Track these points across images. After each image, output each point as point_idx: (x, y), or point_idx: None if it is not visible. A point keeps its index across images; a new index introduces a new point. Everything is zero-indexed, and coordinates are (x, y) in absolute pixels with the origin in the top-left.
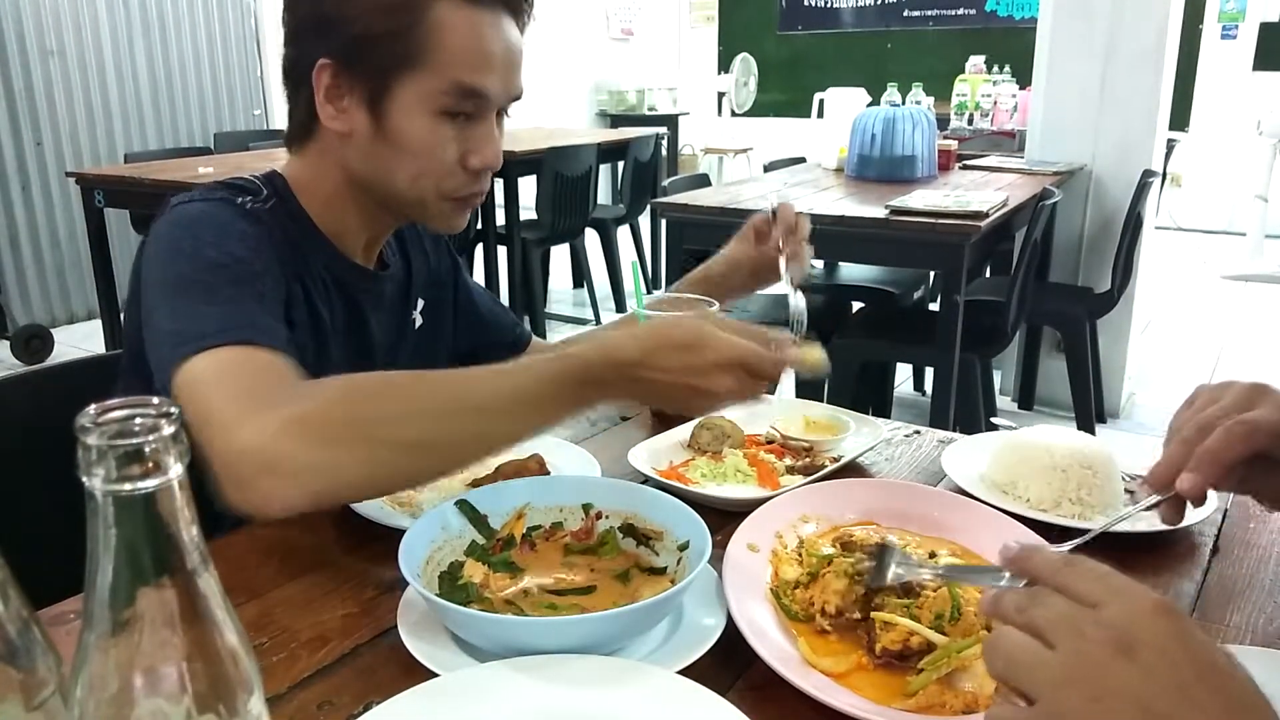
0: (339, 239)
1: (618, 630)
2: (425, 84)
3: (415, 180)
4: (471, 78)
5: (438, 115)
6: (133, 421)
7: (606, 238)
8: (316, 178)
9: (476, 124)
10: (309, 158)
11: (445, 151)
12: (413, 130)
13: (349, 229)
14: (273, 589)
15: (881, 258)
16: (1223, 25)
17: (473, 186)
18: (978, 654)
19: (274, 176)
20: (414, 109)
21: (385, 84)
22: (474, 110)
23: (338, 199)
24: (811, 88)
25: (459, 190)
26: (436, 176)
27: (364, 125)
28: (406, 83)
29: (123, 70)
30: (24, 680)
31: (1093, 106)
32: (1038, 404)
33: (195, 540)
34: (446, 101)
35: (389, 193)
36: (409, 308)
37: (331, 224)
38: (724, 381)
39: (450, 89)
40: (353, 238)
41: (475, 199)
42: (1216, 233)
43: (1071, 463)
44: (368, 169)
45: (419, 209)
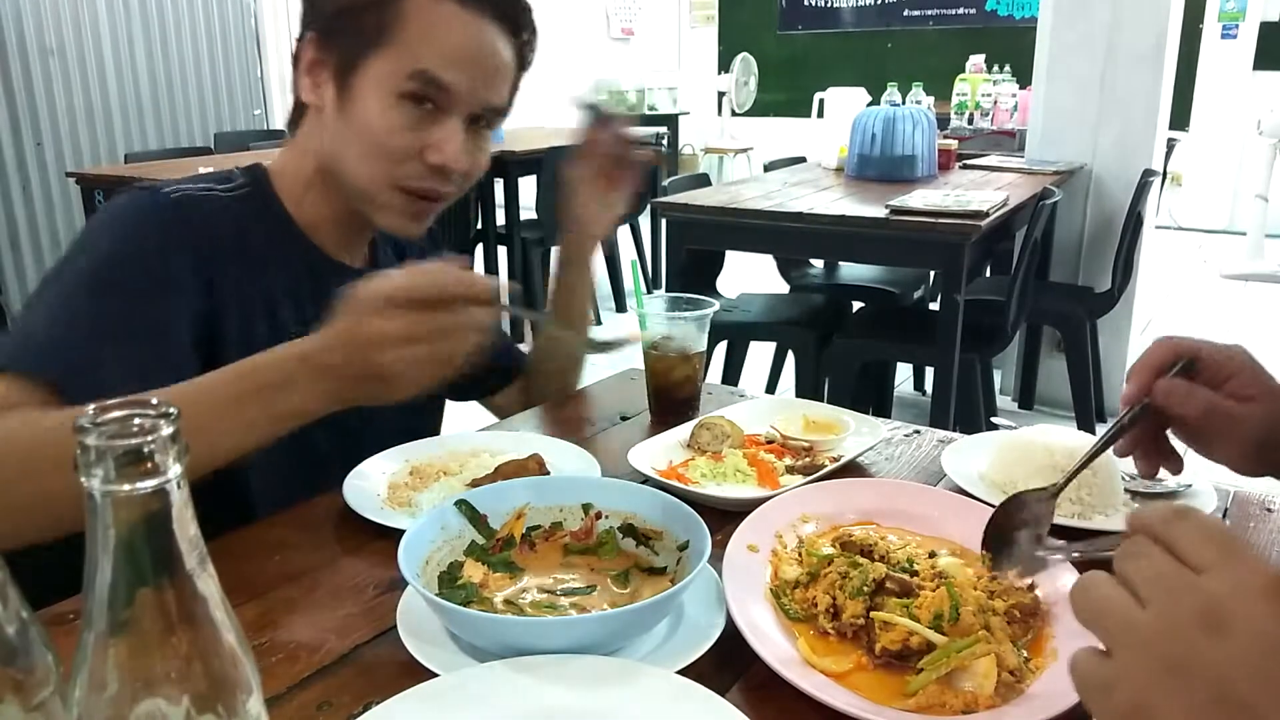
0: (314, 232)
1: (617, 630)
2: (389, 64)
3: (363, 160)
4: (435, 67)
5: (396, 98)
6: (131, 422)
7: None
8: (294, 164)
9: (440, 119)
10: (296, 143)
11: (398, 137)
12: (369, 109)
13: (323, 221)
14: (273, 589)
15: (881, 257)
16: (1223, 25)
17: (428, 181)
18: (977, 654)
19: (255, 167)
20: (375, 88)
21: (354, 59)
22: (438, 103)
23: (311, 188)
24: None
25: (410, 180)
26: (387, 161)
27: (331, 100)
28: (373, 60)
29: (123, 70)
30: (23, 680)
31: (1093, 106)
32: (1038, 404)
33: (194, 540)
34: (407, 86)
35: (342, 175)
36: None
37: (307, 216)
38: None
39: (413, 74)
40: (328, 231)
41: (432, 201)
42: (1216, 232)
43: (1071, 462)
44: (330, 148)
45: (366, 198)
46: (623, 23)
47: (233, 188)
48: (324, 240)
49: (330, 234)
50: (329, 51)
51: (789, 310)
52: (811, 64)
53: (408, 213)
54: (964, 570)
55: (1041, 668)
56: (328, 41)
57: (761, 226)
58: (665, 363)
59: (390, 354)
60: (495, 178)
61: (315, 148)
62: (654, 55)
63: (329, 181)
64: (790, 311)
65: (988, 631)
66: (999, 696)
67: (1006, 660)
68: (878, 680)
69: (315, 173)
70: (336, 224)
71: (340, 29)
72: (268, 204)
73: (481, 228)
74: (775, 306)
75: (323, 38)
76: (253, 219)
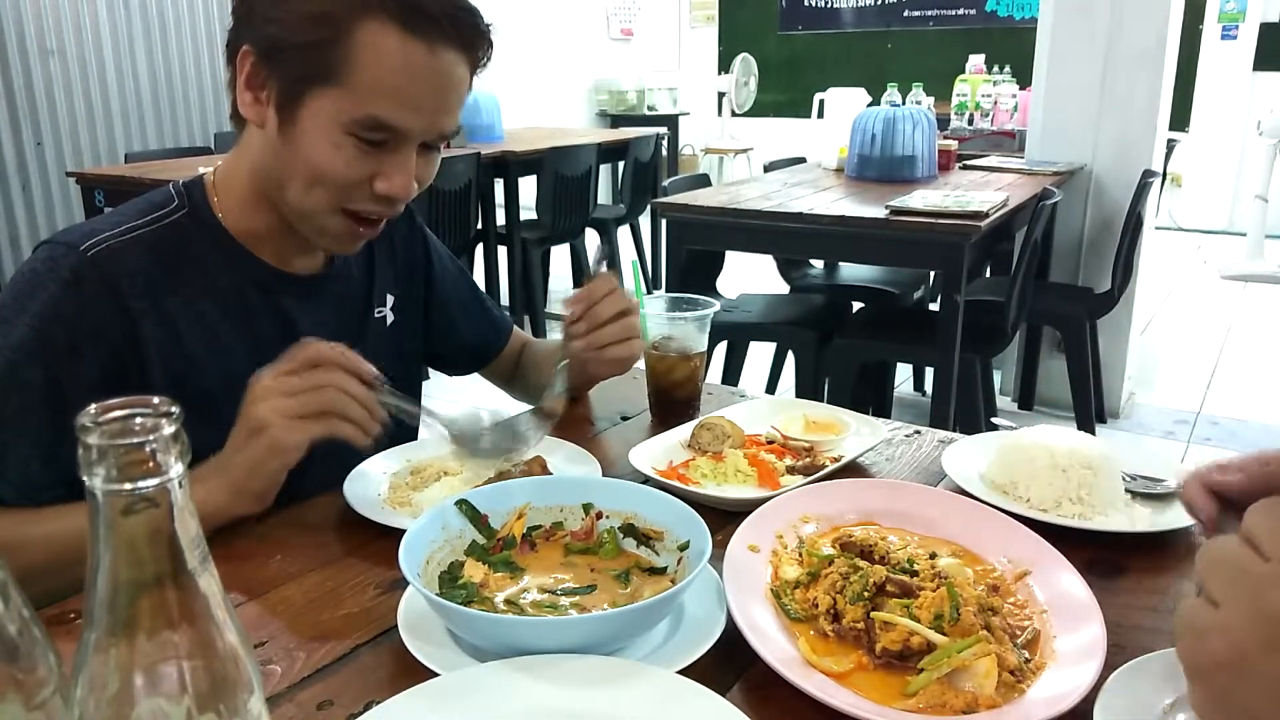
0: (258, 244)
1: (618, 630)
2: (337, 104)
3: (308, 190)
4: (387, 112)
5: (346, 136)
6: (133, 421)
7: (607, 238)
8: (236, 175)
9: (390, 151)
10: (235, 152)
11: (348, 170)
12: (317, 145)
13: (266, 232)
14: (273, 589)
15: (881, 258)
16: (1223, 25)
17: (375, 208)
18: (977, 654)
19: (194, 185)
20: (322, 124)
21: (298, 91)
22: (389, 139)
23: (252, 198)
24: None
25: (358, 207)
26: (332, 191)
27: (273, 122)
28: (319, 96)
29: (123, 70)
30: (24, 680)
31: (1093, 106)
32: (1038, 404)
33: (195, 540)
34: (356, 128)
35: (285, 196)
36: (371, 305)
37: (247, 228)
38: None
39: (362, 119)
40: (273, 241)
41: (377, 222)
42: (1216, 233)
43: (1072, 463)
44: (268, 166)
45: (304, 219)
46: (623, 23)
47: (162, 215)
48: (270, 251)
49: (276, 245)
50: (270, 74)
51: (789, 310)
52: (812, 64)
53: (347, 235)
54: (964, 570)
55: (1042, 668)
56: (268, 64)
57: (761, 227)
58: (666, 363)
59: (263, 404)
60: (495, 178)
61: (255, 159)
62: (654, 55)
63: (269, 194)
64: (790, 312)
65: (988, 632)
66: (999, 696)
67: (1007, 660)
68: (878, 680)
69: (255, 184)
70: (282, 234)
71: (281, 57)
72: (204, 224)
73: (481, 228)
74: (775, 307)
75: (262, 57)
76: (187, 245)
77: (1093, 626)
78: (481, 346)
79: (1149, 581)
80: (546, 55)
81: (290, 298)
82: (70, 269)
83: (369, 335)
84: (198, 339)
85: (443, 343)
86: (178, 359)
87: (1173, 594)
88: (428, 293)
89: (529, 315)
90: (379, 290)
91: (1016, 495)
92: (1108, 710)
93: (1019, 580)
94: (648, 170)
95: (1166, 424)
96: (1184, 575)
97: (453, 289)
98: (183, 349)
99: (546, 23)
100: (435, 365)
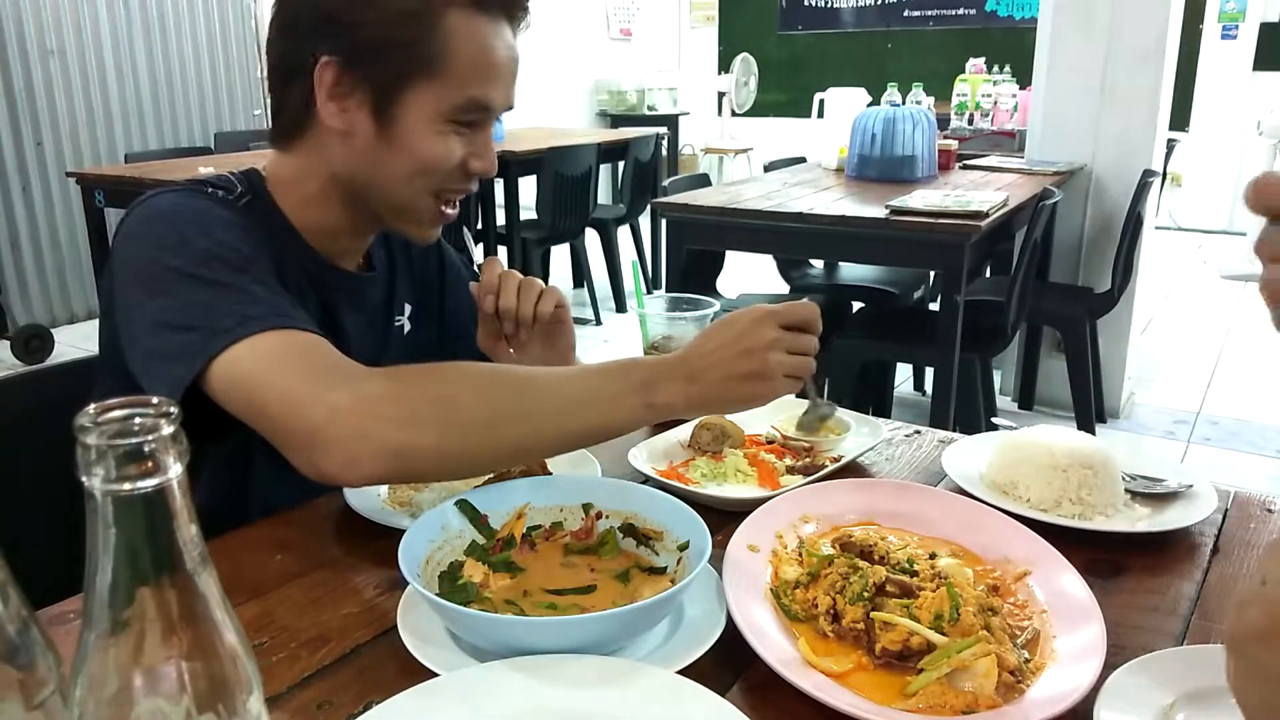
0: (316, 239)
1: (618, 630)
2: (438, 94)
3: (411, 181)
4: (483, 91)
5: (447, 124)
6: (132, 421)
7: (607, 238)
8: (301, 175)
9: (479, 131)
10: (297, 155)
11: (451, 156)
12: (423, 138)
13: (329, 229)
14: (273, 589)
15: (881, 258)
16: (1223, 25)
17: (465, 186)
18: (977, 654)
19: (251, 174)
20: (424, 117)
21: (395, 90)
22: (480, 120)
23: (321, 198)
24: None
25: (452, 187)
26: (435, 178)
27: (367, 126)
28: (419, 91)
29: (123, 70)
30: (24, 680)
31: (1093, 106)
32: (1038, 404)
33: (195, 540)
34: (458, 113)
35: (380, 193)
36: (392, 312)
37: (310, 223)
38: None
39: (464, 103)
40: (332, 238)
41: (455, 206)
42: (1216, 233)
43: (1072, 463)
44: (362, 168)
45: (404, 212)
46: (622, 23)
47: (237, 196)
48: (324, 246)
49: (331, 241)
50: (359, 79)
51: None
52: (812, 64)
53: (437, 219)
54: (964, 571)
55: (1042, 668)
56: (356, 69)
57: (761, 227)
58: None
59: (776, 356)
60: (495, 178)
61: (327, 164)
62: (654, 55)
63: (343, 195)
64: None
65: (988, 632)
66: (999, 697)
67: (1007, 660)
68: (878, 680)
69: (324, 186)
70: (339, 232)
71: (374, 59)
72: (269, 211)
73: (482, 228)
74: None
75: (349, 64)
76: (259, 226)
77: (1093, 626)
78: None
79: (1149, 581)
80: (546, 55)
81: (338, 293)
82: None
83: (390, 342)
84: None
85: (457, 349)
86: None
87: (1172, 594)
88: (441, 300)
89: None
90: (399, 299)
91: (1016, 495)
92: (1107, 710)
93: (1019, 580)
94: (648, 170)
95: (1166, 424)
96: (1184, 575)
97: (465, 295)
98: None
99: (546, 23)
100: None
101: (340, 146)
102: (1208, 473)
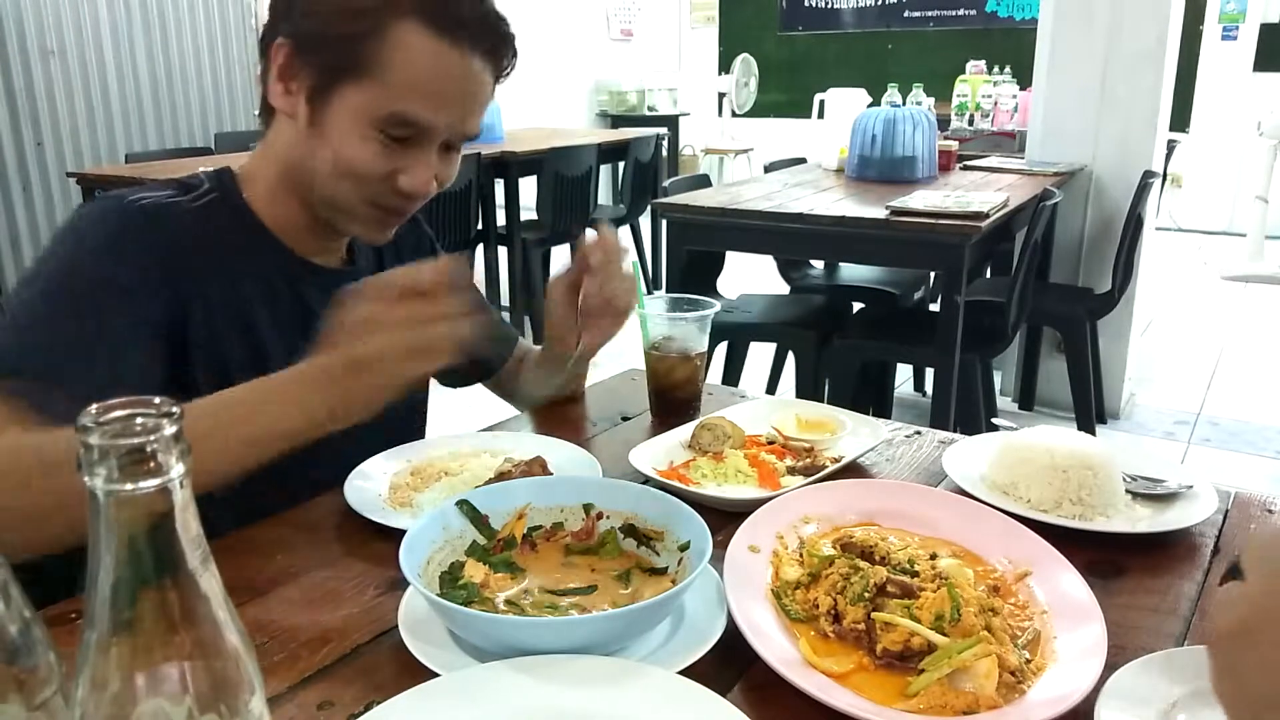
0: (287, 235)
1: (618, 630)
2: (367, 99)
3: (337, 181)
4: (414, 110)
5: (374, 131)
6: (134, 421)
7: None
8: (263, 166)
9: (414, 148)
10: (265, 144)
11: (373, 164)
12: (345, 137)
13: (295, 225)
14: (273, 589)
15: (882, 258)
16: (1223, 26)
17: (396, 202)
18: (978, 655)
19: (224, 172)
20: (350, 117)
21: (330, 82)
22: (414, 136)
23: (281, 190)
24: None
25: (383, 201)
26: (358, 183)
27: (304, 112)
28: (349, 90)
29: (123, 70)
30: (26, 680)
31: (1093, 107)
32: (1038, 404)
33: (197, 539)
34: (383, 123)
35: (315, 187)
36: None
37: (278, 219)
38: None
39: (390, 115)
40: (301, 234)
41: (401, 214)
42: (1217, 233)
43: (1072, 463)
44: (300, 157)
45: (337, 211)
46: (623, 23)
47: (197, 195)
48: (297, 242)
49: (303, 236)
50: (303, 66)
51: (789, 311)
52: (812, 65)
53: (375, 223)
54: (964, 571)
55: (1042, 668)
56: (302, 56)
57: (762, 227)
58: (666, 363)
59: (377, 339)
60: (495, 178)
61: (283, 151)
62: (654, 56)
63: (297, 186)
64: (790, 312)
65: (989, 632)
66: (1000, 697)
67: (1008, 661)
68: (879, 681)
69: (281, 176)
70: (308, 226)
71: (316, 49)
72: (236, 209)
73: (482, 228)
74: (776, 307)
75: (297, 49)
76: (220, 226)
77: (1093, 627)
78: (488, 358)
79: (1149, 582)
80: (547, 55)
81: (313, 289)
82: (124, 213)
83: None
84: (228, 313)
85: None
86: (209, 326)
87: (1173, 594)
88: None
89: (529, 315)
90: None
91: (1017, 496)
92: (1108, 711)
93: (1019, 581)
94: (648, 171)
95: (1167, 424)
96: (1184, 576)
97: None
98: (214, 318)
99: (547, 23)
100: (439, 379)
101: (288, 131)
102: (1208, 473)
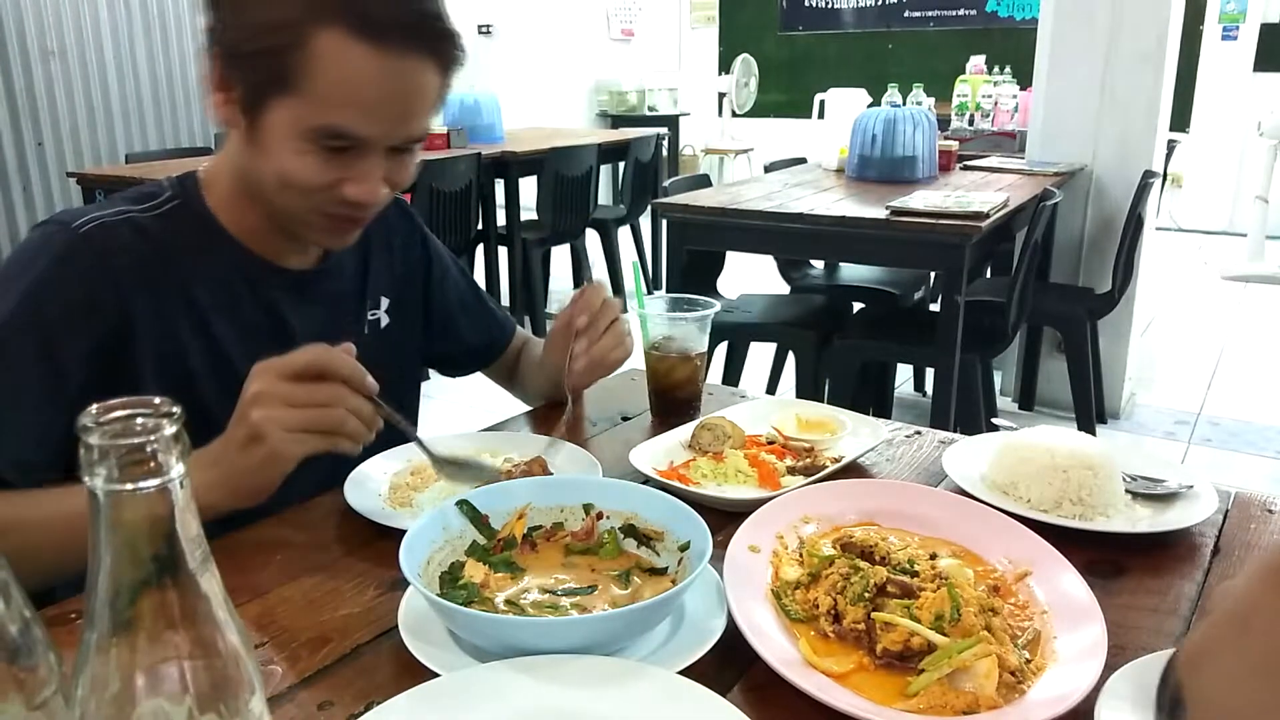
0: (250, 239)
1: (618, 630)
2: (297, 113)
3: (280, 192)
4: (345, 122)
5: (309, 144)
6: (134, 421)
7: (607, 238)
8: (221, 172)
9: (356, 157)
10: (222, 149)
11: (313, 177)
12: (281, 151)
13: (256, 229)
14: (273, 589)
15: (882, 258)
16: (1223, 26)
17: (346, 211)
18: (978, 654)
19: (187, 177)
20: (283, 131)
21: (261, 96)
22: (353, 146)
23: (238, 195)
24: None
25: (331, 210)
26: (304, 195)
27: (241, 124)
28: (278, 103)
29: (123, 70)
30: (26, 680)
31: (1093, 107)
32: (1038, 404)
33: (197, 539)
34: (316, 136)
35: (260, 194)
36: (364, 306)
37: (240, 224)
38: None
39: (322, 127)
40: (264, 235)
41: (356, 221)
42: (1217, 233)
43: (1072, 463)
44: (245, 165)
45: (288, 219)
46: (623, 23)
47: (155, 205)
48: (263, 245)
49: (267, 239)
50: (235, 78)
51: (789, 311)
52: (812, 65)
53: (329, 231)
54: (964, 571)
55: (1042, 668)
56: (232, 69)
57: (762, 227)
58: (666, 363)
59: (264, 412)
60: (496, 178)
61: (234, 159)
62: (654, 56)
63: (250, 192)
64: (791, 312)
65: (989, 632)
66: (1000, 697)
67: (1008, 661)
68: (879, 681)
69: (236, 182)
70: (266, 231)
71: (241, 63)
72: (197, 215)
73: (482, 228)
74: (776, 307)
75: (226, 62)
76: (178, 234)
77: (1093, 627)
78: (484, 346)
79: (1149, 582)
80: (547, 56)
81: (279, 291)
82: (63, 243)
83: (360, 336)
84: (187, 324)
85: (444, 344)
86: (166, 341)
87: (1173, 594)
88: (427, 294)
89: (529, 315)
90: (372, 292)
91: (1017, 496)
92: (1108, 711)
93: (1019, 581)
94: (648, 171)
95: (1167, 424)
96: (1185, 576)
97: (453, 289)
98: (171, 331)
99: (547, 23)
100: (437, 367)
101: (236, 139)
102: (1208, 473)
